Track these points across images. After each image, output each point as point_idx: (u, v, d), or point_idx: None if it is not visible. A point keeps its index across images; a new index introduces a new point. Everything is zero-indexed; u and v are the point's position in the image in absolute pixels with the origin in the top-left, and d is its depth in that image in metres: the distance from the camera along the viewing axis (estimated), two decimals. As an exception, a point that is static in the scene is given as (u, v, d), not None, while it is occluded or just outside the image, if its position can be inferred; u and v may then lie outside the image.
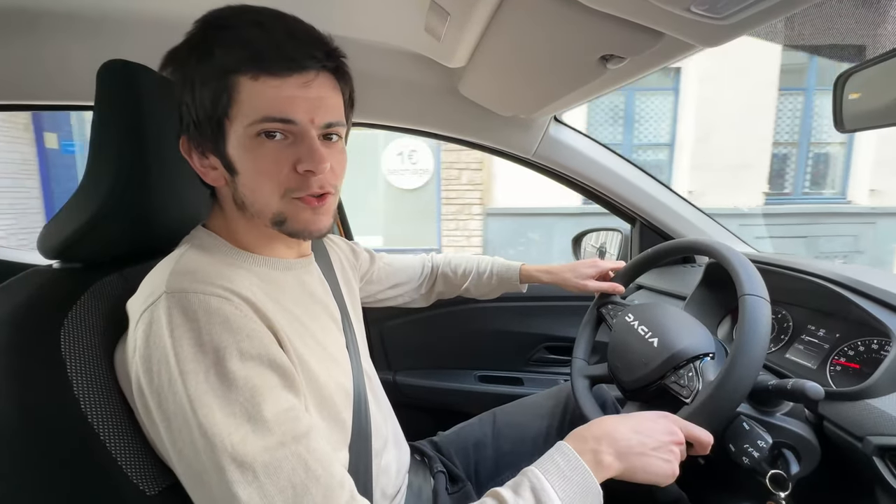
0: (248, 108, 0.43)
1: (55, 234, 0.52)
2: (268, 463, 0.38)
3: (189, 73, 0.44)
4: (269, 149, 0.45)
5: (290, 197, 0.47)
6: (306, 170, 0.45)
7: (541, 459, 0.47)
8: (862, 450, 0.54)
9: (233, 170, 0.46)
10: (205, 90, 0.43)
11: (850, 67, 0.55)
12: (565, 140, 1.07)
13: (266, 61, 0.43)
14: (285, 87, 0.44)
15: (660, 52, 0.56)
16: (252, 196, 0.47)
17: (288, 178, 0.46)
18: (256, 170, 0.45)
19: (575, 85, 0.71)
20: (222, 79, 0.43)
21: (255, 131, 0.44)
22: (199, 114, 0.45)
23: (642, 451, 0.48)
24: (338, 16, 0.79)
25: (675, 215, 1.12)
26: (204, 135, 0.46)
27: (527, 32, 0.61)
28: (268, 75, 0.43)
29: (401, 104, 1.02)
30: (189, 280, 0.43)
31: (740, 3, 0.40)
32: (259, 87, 0.43)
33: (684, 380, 0.62)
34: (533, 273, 0.91)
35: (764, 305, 0.58)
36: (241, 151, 0.45)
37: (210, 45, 0.43)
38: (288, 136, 0.45)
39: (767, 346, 0.56)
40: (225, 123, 0.45)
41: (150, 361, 0.40)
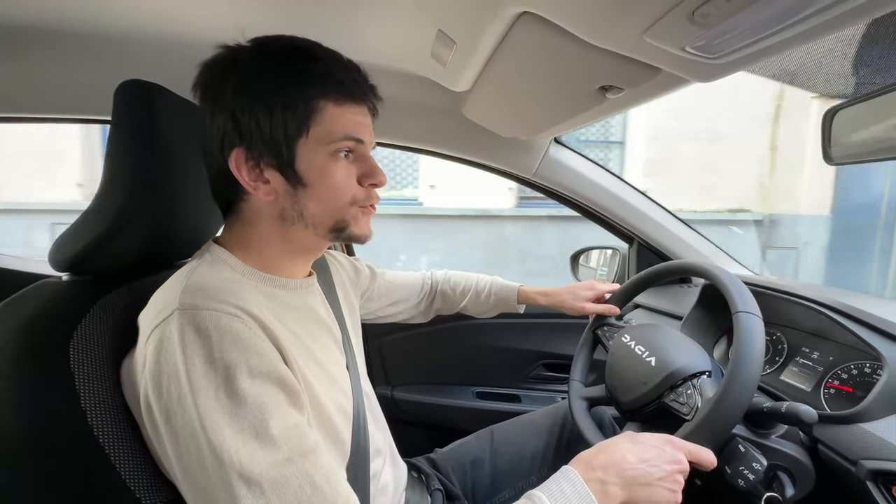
0: (331, 128, 0.49)
1: (67, 246, 0.53)
2: (275, 479, 0.39)
3: (268, 94, 0.48)
4: (342, 164, 0.51)
5: (356, 206, 0.53)
6: (372, 183, 0.53)
7: (546, 483, 0.47)
8: (855, 474, 0.54)
9: (301, 183, 0.50)
10: (288, 110, 0.48)
11: (838, 104, 0.58)
12: (565, 161, 1.10)
13: (349, 91, 0.50)
14: (359, 113, 0.51)
15: (657, 84, 0.59)
16: (319, 206, 0.51)
17: (358, 191, 0.52)
18: (331, 182, 0.50)
19: (575, 112, 0.74)
20: (310, 102, 0.48)
21: (333, 149, 0.50)
22: (275, 132, 0.48)
23: (648, 482, 0.48)
24: (349, 40, 0.82)
25: (672, 236, 1.14)
26: (270, 151, 0.49)
27: (529, 63, 0.63)
28: (349, 101, 0.50)
29: (407, 124, 1.05)
30: (201, 297, 0.43)
31: (733, 45, 0.43)
32: (340, 112, 0.50)
33: (683, 397, 0.62)
34: (531, 295, 0.92)
35: (757, 322, 0.60)
36: (317, 166, 0.50)
37: (294, 70, 0.48)
38: (351, 155, 0.52)
39: (763, 359, 0.57)
40: (298, 142, 0.49)
41: (160, 377, 0.41)
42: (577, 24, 0.49)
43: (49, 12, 0.76)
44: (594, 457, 0.50)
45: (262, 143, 0.48)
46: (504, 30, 0.59)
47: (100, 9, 0.75)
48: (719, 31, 0.41)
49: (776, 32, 0.41)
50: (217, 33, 0.49)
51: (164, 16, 0.77)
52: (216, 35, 0.49)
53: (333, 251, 0.81)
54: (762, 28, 0.40)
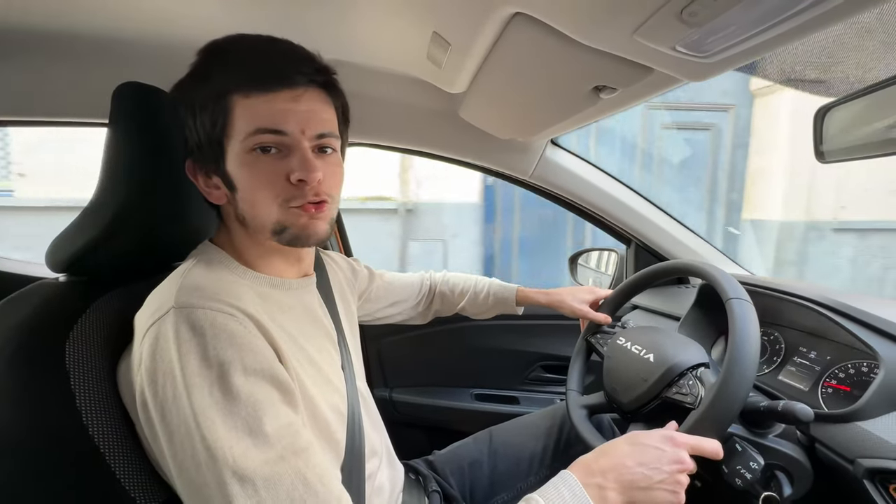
0: (243, 124, 0.46)
1: (64, 248, 0.54)
2: (268, 477, 0.39)
3: (190, 99, 0.48)
4: (263, 162, 0.47)
5: (287, 206, 0.49)
6: (298, 179, 0.47)
7: (545, 488, 0.47)
8: (853, 472, 0.54)
9: (232, 186, 0.49)
10: (205, 113, 0.47)
11: (830, 102, 0.58)
12: (561, 162, 1.10)
13: (256, 79, 0.46)
14: (276, 101, 0.46)
15: (650, 83, 0.59)
16: (252, 210, 0.49)
17: (284, 189, 0.48)
18: (253, 183, 0.48)
19: (570, 112, 0.74)
20: (219, 100, 0.46)
21: (250, 146, 0.47)
22: (201, 136, 0.48)
23: (648, 486, 0.47)
24: (344, 43, 0.83)
25: (669, 236, 1.14)
26: (206, 156, 0.49)
27: (524, 63, 0.64)
28: (259, 91, 0.46)
29: (403, 126, 1.05)
30: (197, 296, 0.44)
31: (722, 43, 0.43)
32: (251, 103, 0.46)
33: (686, 388, 0.63)
34: (530, 295, 0.92)
35: (748, 306, 0.61)
36: (238, 167, 0.48)
37: (207, 70, 0.47)
38: (281, 150, 0.48)
39: (759, 340, 0.58)
40: (224, 143, 0.48)
41: (156, 375, 0.41)
42: (569, 24, 0.49)
43: (45, 16, 0.77)
44: (593, 461, 0.49)
45: (197, 149, 0.49)
46: (498, 31, 0.59)
47: (97, 12, 0.76)
48: (708, 30, 0.41)
49: (765, 30, 0.41)
50: (214, 36, 0.50)
51: (161, 18, 0.78)
52: (212, 37, 0.50)
53: (331, 252, 0.82)
54: (751, 26, 0.41)
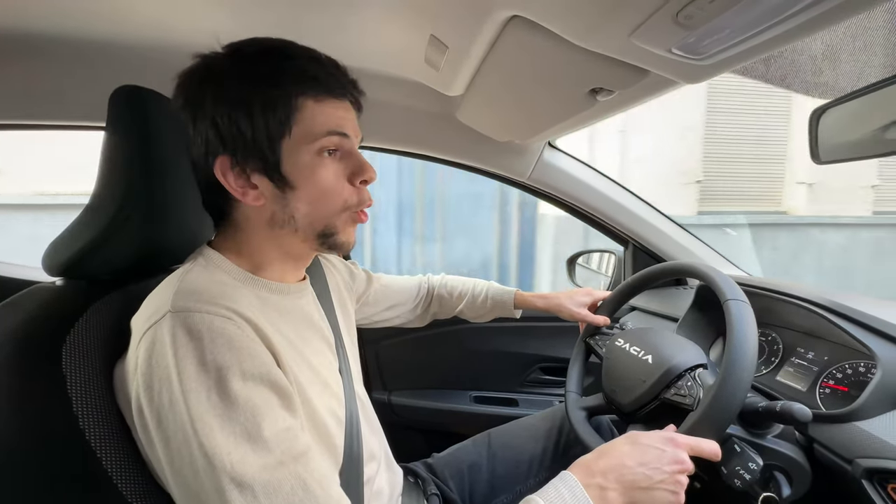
0: (312, 126, 0.48)
1: (61, 251, 0.53)
2: (267, 482, 0.38)
3: (246, 97, 0.47)
4: (329, 163, 0.49)
5: (345, 212, 0.51)
6: (363, 180, 0.51)
7: (545, 489, 0.47)
8: (851, 472, 0.54)
9: (289, 185, 0.49)
10: (268, 111, 0.47)
11: (826, 103, 0.59)
12: (559, 164, 1.11)
13: (327, 85, 0.49)
14: (340, 108, 0.50)
15: (646, 86, 0.59)
16: (309, 207, 0.50)
17: (349, 192, 0.51)
18: (319, 182, 0.49)
19: (567, 115, 0.75)
20: (289, 101, 0.47)
21: (318, 147, 0.48)
22: (256, 134, 0.47)
23: (648, 486, 0.47)
24: (342, 45, 0.83)
25: (666, 238, 1.14)
26: (254, 155, 0.48)
27: (521, 66, 0.64)
28: (330, 97, 0.49)
29: (401, 129, 1.06)
30: (194, 299, 0.43)
31: (717, 46, 0.44)
32: (321, 108, 0.48)
33: (684, 390, 0.63)
34: (528, 298, 0.92)
35: (746, 307, 0.61)
36: (301, 168, 0.48)
37: (275, 71, 0.47)
38: (342, 153, 0.50)
39: (757, 340, 0.58)
40: (282, 143, 0.48)
41: (152, 380, 0.40)
42: (566, 26, 0.49)
43: (42, 19, 0.77)
44: (594, 462, 0.49)
45: (245, 147, 0.48)
46: (495, 34, 0.59)
47: (93, 15, 0.76)
48: (704, 33, 0.42)
49: (760, 32, 0.41)
50: (212, 39, 0.50)
51: (159, 21, 0.78)
52: (211, 41, 0.50)
53: (329, 255, 0.81)
54: (746, 28, 0.41)
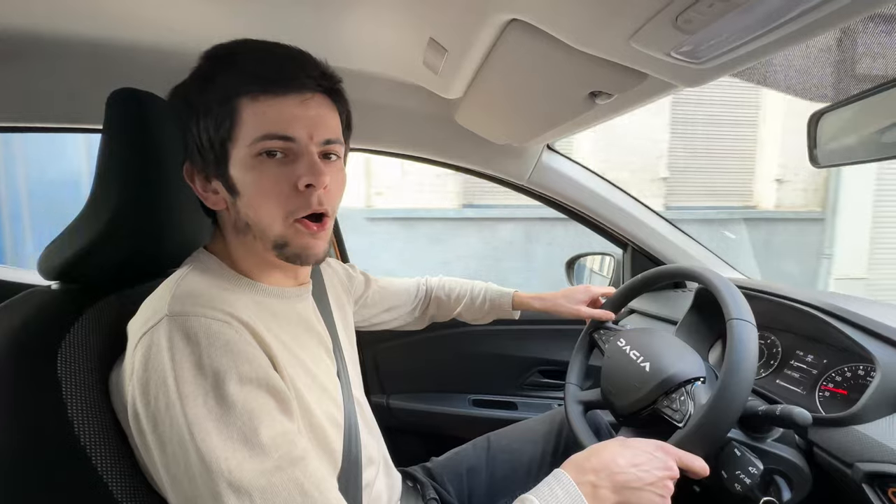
0: (250, 128, 0.45)
1: (56, 255, 0.53)
2: (264, 487, 0.38)
3: (194, 102, 0.47)
4: (269, 167, 0.46)
5: (291, 220, 0.48)
6: (307, 184, 0.46)
7: (539, 487, 0.47)
8: (851, 476, 0.54)
9: (234, 191, 0.48)
10: (209, 115, 0.46)
11: (824, 107, 0.59)
12: (558, 167, 1.11)
13: (265, 82, 0.45)
14: (285, 105, 0.46)
15: (645, 89, 0.59)
16: (255, 217, 0.48)
17: (289, 199, 0.47)
18: (258, 189, 0.46)
19: (565, 118, 0.75)
20: (225, 103, 0.45)
21: (256, 150, 0.45)
22: (203, 139, 0.47)
23: (639, 486, 0.48)
24: (342, 49, 0.83)
25: (665, 241, 1.14)
26: (207, 159, 0.48)
27: (520, 69, 0.64)
28: (267, 95, 0.45)
29: (400, 131, 1.05)
30: (190, 303, 0.43)
31: (717, 49, 0.44)
32: (259, 107, 0.45)
33: (676, 404, 0.62)
34: (525, 300, 0.92)
35: (750, 329, 0.60)
36: (242, 172, 0.46)
37: (213, 73, 0.46)
38: (288, 156, 0.47)
39: (756, 370, 0.57)
40: (228, 146, 0.47)
41: (148, 384, 0.40)
42: (565, 30, 0.49)
43: (39, 21, 0.77)
44: (586, 460, 0.50)
45: (199, 152, 0.48)
46: (494, 37, 0.59)
47: (91, 18, 0.76)
48: (703, 37, 0.42)
49: (760, 36, 0.41)
50: (209, 42, 0.49)
51: (157, 25, 0.78)
52: (207, 44, 0.50)
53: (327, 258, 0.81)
54: (746, 32, 0.41)
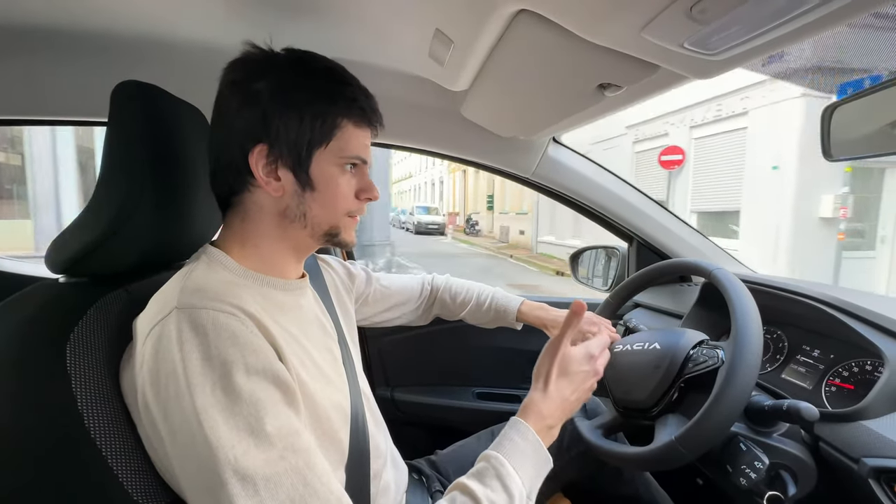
0: (346, 146, 0.54)
1: (64, 248, 0.53)
2: (269, 476, 0.39)
3: (302, 104, 0.52)
4: (347, 177, 0.56)
5: (347, 216, 0.57)
6: (368, 197, 0.58)
7: (501, 443, 0.53)
8: (858, 472, 0.54)
9: (310, 186, 0.53)
10: (316, 121, 0.52)
11: (838, 100, 0.58)
12: (563, 160, 1.10)
13: (366, 117, 0.56)
14: (367, 136, 0.57)
15: (655, 81, 0.59)
16: (321, 210, 0.55)
17: (353, 202, 0.57)
18: (335, 191, 0.55)
19: (573, 110, 0.74)
20: (336, 119, 0.53)
21: (343, 162, 0.55)
22: (300, 137, 0.52)
23: (577, 399, 0.58)
24: (347, 41, 0.82)
25: (671, 234, 1.14)
26: (290, 153, 0.52)
27: (527, 61, 0.63)
28: (366, 127, 0.57)
29: (405, 124, 1.05)
30: (199, 297, 0.44)
31: (730, 41, 0.43)
32: (357, 133, 0.55)
33: (701, 358, 0.64)
34: (529, 315, 0.90)
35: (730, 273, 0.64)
36: (326, 176, 0.54)
37: (332, 92, 0.54)
38: (354, 170, 0.57)
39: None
40: (315, 150, 0.53)
41: (158, 375, 0.41)
42: (575, 21, 0.49)
43: (43, 13, 0.76)
44: (542, 402, 0.56)
45: (286, 144, 0.51)
46: (502, 28, 0.58)
47: (95, 10, 0.75)
48: (717, 27, 0.41)
49: (775, 28, 0.40)
50: (215, 36, 0.49)
51: (160, 18, 0.77)
52: (212, 37, 0.49)
53: (326, 256, 0.81)
54: (760, 23, 0.40)
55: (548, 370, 0.57)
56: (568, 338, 0.58)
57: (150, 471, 0.45)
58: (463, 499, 0.47)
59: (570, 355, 0.58)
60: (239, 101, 0.51)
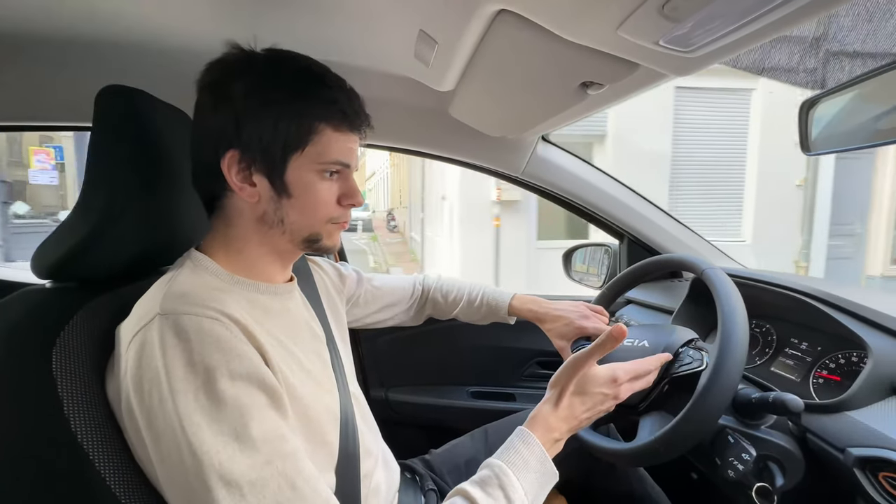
0: (325, 150, 0.52)
1: (49, 253, 0.53)
2: (254, 481, 0.39)
3: (276, 107, 0.50)
4: (327, 184, 0.54)
5: (329, 223, 0.56)
6: (350, 203, 0.56)
7: (506, 453, 0.51)
8: (843, 461, 0.55)
9: (286, 192, 0.52)
10: (291, 125, 0.50)
11: (816, 94, 0.59)
12: (553, 159, 1.10)
13: (347, 120, 0.53)
14: (350, 140, 0.55)
15: (637, 79, 0.59)
16: (298, 216, 0.53)
17: (335, 209, 0.55)
18: (314, 198, 0.53)
19: (558, 109, 0.74)
20: (309, 120, 0.51)
21: (322, 168, 0.52)
22: (274, 142, 0.50)
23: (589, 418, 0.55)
24: (333, 43, 0.83)
25: (662, 231, 1.14)
26: (264, 158, 0.50)
27: (510, 60, 0.63)
28: (347, 130, 0.54)
29: (393, 125, 1.05)
30: (182, 302, 0.44)
31: (704, 38, 0.43)
32: (336, 137, 0.53)
33: (687, 359, 0.64)
34: (521, 308, 0.89)
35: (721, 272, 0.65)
36: (302, 181, 0.52)
37: (309, 94, 0.51)
38: (336, 176, 0.55)
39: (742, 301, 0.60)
40: (291, 155, 0.51)
41: (142, 381, 0.41)
42: (553, 20, 0.49)
43: (26, 20, 0.76)
44: (551, 415, 0.54)
45: (259, 150, 0.50)
46: (483, 28, 0.59)
47: (81, 15, 0.75)
48: (691, 25, 0.41)
49: (748, 23, 0.41)
50: (201, 40, 0.49)
51: (145, 22, 0.77)
52: (197, 39, 0.50)
53: (316, 258, 0.81)
54: (735, 19, 0.41)
55: (564, 384, 0.55)
56: (595, 357, 0.54)
57: (139, 475, 0.45)
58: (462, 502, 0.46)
59: (592, 375, 0.55)
60: (213, 103, 0.50)
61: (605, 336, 0.53)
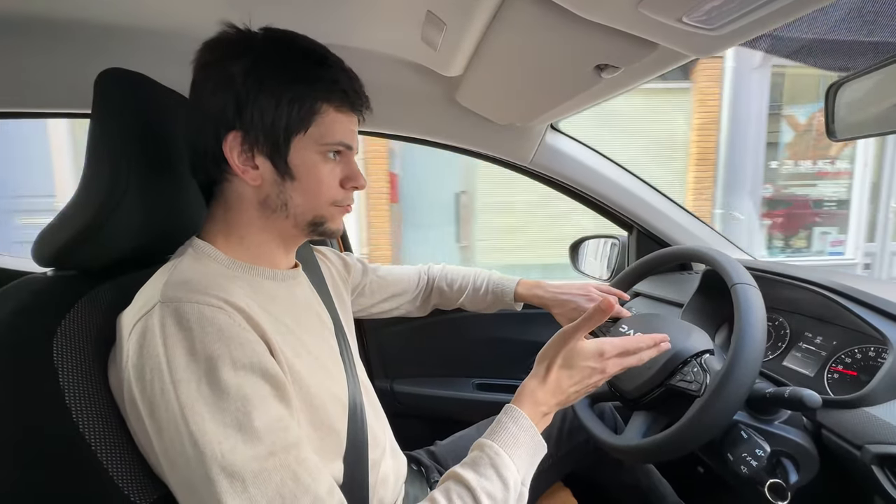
0: (327, 132, 0.51)
1: (50, 241, 0.52)
2: (257, 472, 0.38)
3: (278, 87, 0.48)
4: (330, 165, 0.53)
5: (333, 205, 0.55)
6: (354, 186, 0.55)
7: (496, 431, 0.51)
8: (860, 458, 0.53)
9: (289, 175, 0.51)
10: (293, 106, 0.49)
11: (842, 77, 0.56)
12: (562, 148, 1.08)
13: (350, 102, 0.53)
14: (352, 121, 0.54)
15: (654, 61, 0.57)
16: (302, 199, 0.52)
17: (338, 191, 0.55)
18: (317, 180, 0.52)
19: (570, 94, 0.72)
20: (311, 102, 0.50)
21: (325, 150, 0.52)
22: (276, 123, 0.49)
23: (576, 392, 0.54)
24: (337, 26, 0.80)
25: (672, 222, 1.12)
26: (267, 140, 0.49)
27: (522, 42, 0.61)
28: (349, 111, 0.53)
29: (398, 112, 1.03)
30: (184, 290, 0.43)
31: (730, 14, 0.41)
32: (339, 118, 0.52)
33: (690, 376, 0.62)
34: (526, 293, 0.87)
35: (754, 292, 0.60)
36: (305, 163, 0.51)
37: (311, 74, 0.50)
38: (339, 157, 0.54)
39: (766, 325, 0.58)
40: (294, 137, 0.50)
41: (143, 370, 0.40)
42: (570, -3, 0.47)
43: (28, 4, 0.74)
44: (539, 389, 0.53)
45: (262, 131, 0.49)
46: (495, 8, 0.57)
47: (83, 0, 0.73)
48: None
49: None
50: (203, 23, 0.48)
51: (145, 5, 0.75)
52: (198, 23, 0.48)
53: (322, 248, 0.80)
54: None
55: (552, 358, 0.54)
56: (583, 331, 0.53)
57: (142, 465, 0.45)
58: (458, 488, 0.46)
59: (579, 349, 0.54)
60: (212, 84, 0.49)
61: (592, 309, 0.52)
